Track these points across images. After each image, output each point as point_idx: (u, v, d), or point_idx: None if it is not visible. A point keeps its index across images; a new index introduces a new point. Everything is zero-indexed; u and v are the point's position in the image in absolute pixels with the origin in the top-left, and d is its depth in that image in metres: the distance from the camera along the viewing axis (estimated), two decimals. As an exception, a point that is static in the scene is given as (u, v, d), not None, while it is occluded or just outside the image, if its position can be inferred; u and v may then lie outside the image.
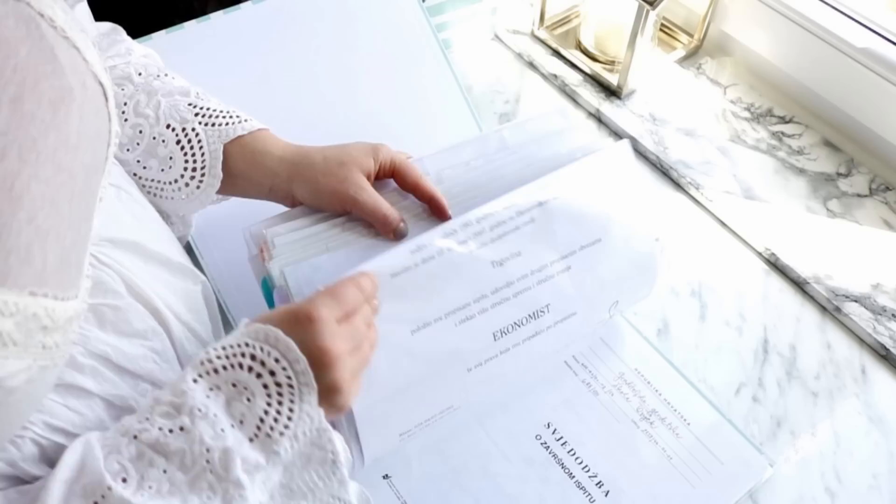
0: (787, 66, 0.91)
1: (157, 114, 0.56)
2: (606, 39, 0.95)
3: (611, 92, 0.93)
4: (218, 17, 0.77)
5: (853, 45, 0.83)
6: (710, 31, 0.98)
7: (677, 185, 0.86)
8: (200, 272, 0.58)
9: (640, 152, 0.89)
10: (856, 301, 0.75)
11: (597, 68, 0.95)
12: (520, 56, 1.00)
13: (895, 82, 0.81)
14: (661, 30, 0.99)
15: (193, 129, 0.57)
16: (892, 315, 0.74)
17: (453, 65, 0.83)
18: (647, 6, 0.83)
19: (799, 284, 0.78)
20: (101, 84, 0.37)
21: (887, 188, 0.85)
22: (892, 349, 0.72)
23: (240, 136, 0.58)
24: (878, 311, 0.74)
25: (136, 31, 0.69)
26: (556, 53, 0.98)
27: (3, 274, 0.31)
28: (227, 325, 0.68)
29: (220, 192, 0.59)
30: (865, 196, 0.84)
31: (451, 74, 0.83)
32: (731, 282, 0.78)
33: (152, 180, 0.58)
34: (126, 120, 0.56)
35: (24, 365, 0.33)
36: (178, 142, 0.57)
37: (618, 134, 0.91)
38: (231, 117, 0.58)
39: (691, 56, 0.99)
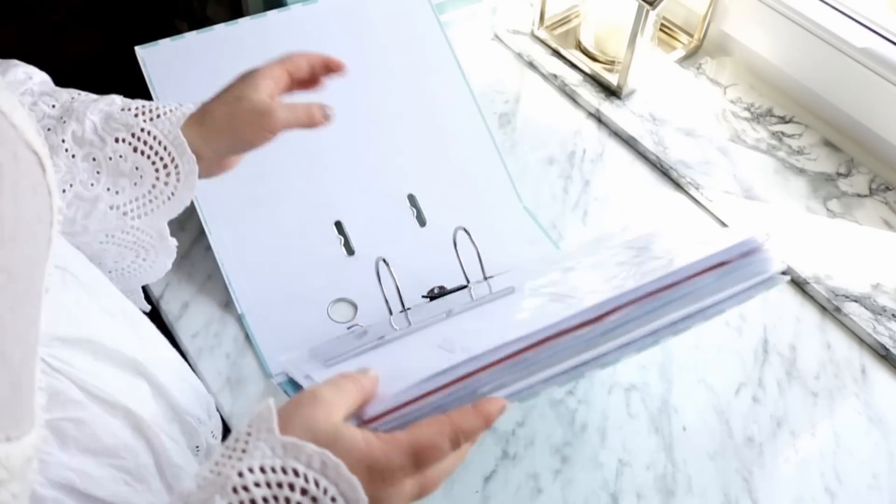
0: (787, 66, 0.91)
1: (100, 134, 0.52)
2: (606, 39, 0.95)
3: (611, 92, 0.93)
4: (221, 29, 0.77)
5: (853, 45, 0.83)
6: (710, 31, 0.98)
7: (677, 185, 0.86)
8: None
9: (640, 152, 0.89)
10: (856, 301, 0.75)
11: (597, 68, 0.95)
12: (520, 56, 1.00)
13: (895, 82, 0.81)
14: (661, 30, 0.99)
15: (142, 129, 0.53)
16: (892, 315, 0.74)
17: (468, 77, 0.83)
18: (647, 6, 0.83)
19: (799, 284, 0.78)
20: (35, 153, 0.31)
21: (887, 188, 0.85)
22: (892, 349, 0.72)
23: (189, 116, 0.54)
24: (878, 311, 0.74)
25: (136, 31, 0.69)
26: (556, 53, 0.98)
27: None
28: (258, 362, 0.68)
29: (201, 175, 0.55)
30: (865, 196, 0.84)
31: (464, 84, 0.83)
32: (731, 282, 0.78)
33: (132, 201, 0.54)
34: (73, 156, 0.52)
35: None
36: (136, 149, 0.53)
37: (618, 134, 0.91)
38: (167, 105, 0.54)
39: (691, 56, 0.99)
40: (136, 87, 0.63)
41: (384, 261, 0.64)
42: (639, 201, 0.84)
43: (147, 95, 0.69)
